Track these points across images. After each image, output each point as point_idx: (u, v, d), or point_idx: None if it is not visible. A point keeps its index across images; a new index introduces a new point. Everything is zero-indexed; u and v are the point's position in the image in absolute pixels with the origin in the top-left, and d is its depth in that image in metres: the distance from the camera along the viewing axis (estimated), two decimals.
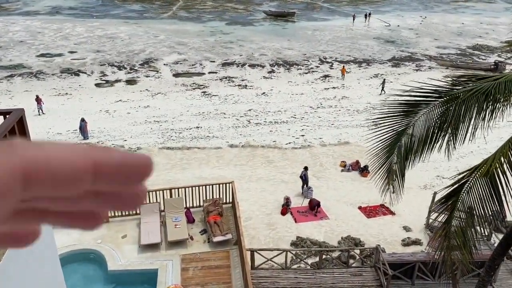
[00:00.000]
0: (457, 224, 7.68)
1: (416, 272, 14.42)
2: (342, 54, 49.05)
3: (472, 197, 7.39)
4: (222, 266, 13.67)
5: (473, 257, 7.98)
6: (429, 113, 7.66)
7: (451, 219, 7.70)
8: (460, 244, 7.68)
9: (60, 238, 13.95)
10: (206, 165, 23.99)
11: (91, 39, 52.62)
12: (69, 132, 28.00)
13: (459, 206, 7.53)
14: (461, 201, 7.50)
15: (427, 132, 7.71)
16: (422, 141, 7.76)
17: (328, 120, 30.77)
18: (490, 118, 7.39)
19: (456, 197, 7.57)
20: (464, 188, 7.47)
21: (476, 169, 7.38)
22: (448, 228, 7.76)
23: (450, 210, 7.70)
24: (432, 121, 7.68)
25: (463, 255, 7.76)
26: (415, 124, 7.77)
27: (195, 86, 38.52)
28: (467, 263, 7.92)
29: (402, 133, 7.86)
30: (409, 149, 7.88)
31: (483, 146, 20.41)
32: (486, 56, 49.22)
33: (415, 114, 7.78)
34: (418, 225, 18.37)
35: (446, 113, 7.55)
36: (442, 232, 7.95)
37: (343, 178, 22.90)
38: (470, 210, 7.44)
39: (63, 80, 39.51)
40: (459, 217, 7.62)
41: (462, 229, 7.61)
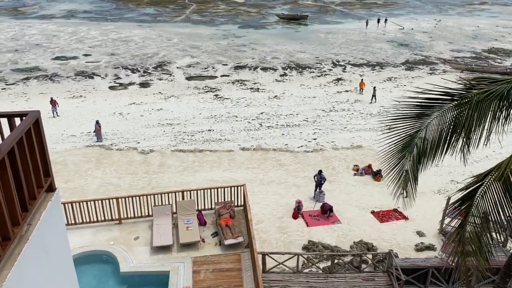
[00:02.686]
0: (471, 230, 7.55)
1: (430, 277, 14.24)
2: (355, 57, 48.84)
3: (487, 201, 7.27)
4: (233, 269, 13.64)
5: (489, 264, 7.84)
6: (442, 116, 7.57)
7: (465, 224, 7.58)
8: (476, 250, 7.55)
9: (74, 239, 14.10)
10: (218, 168, 24.05)
11: (105, 42, 53.23)
12: (83, 134, 28.31)
13: (474, 211, 7.41)
14: (475, 205, 7.39)
15: (440, 135, 7.61)
16: (435, 145, 7.67)
17: (341, 124, 30.62)
18: (505, 122, 7.27)
19: (470, 202, 7.45)
20: (479, 193, 7.35)
21: (489, 173, 7.26)
22: (463, 233, 7.64)
23: (464, 215, 7.59)
24: (445, 124, 7.59)
25: (478, 261, 7.63)
26: (428, 127, 7.68)
27: (207, 89, 38.69)
28: (483, 269, 7.78)
29: (415, 136, 7.78)
30: (422, 153, 7.79)
31: (498, 151, 20.15)
32: (502, 60, 48.57)
33: (428, 116, 7.70)
34: (432, 230, 18.15)
35: (460, 116, 7.45)
36: (456, 237, 7.83)
37: (355, 182, 22.75)
38: (485, 215, 7.32)
39: (78, 83, 40.00)
40: (474, 222, 7.50)
41: (477, 235, 7.49)
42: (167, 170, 23.71)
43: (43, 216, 4.80)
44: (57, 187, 5.45)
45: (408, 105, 7.80)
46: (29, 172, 4.74)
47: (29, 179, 4.76)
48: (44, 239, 4.78)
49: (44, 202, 5.05)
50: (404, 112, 7.85)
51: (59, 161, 24.15)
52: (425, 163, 7.92)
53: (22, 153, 4.58)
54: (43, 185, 5.09)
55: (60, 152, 25.52)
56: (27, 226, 4.57)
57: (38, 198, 4.93)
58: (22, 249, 4.23)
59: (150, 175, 23.11)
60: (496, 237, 7.81)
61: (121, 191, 19.86)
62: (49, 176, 5.28)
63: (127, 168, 23.85)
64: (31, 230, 4.53)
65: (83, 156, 25.24)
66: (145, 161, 24.75)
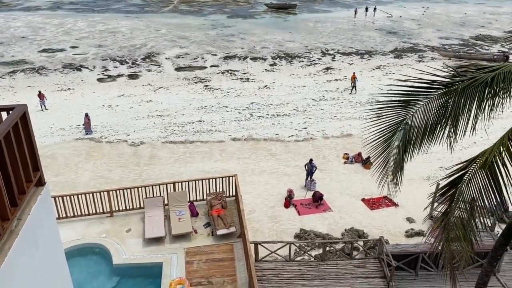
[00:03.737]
0: (457, 216, 7.64)
1: (420, 263, 14.46)
2: (344, 46, 48.84)
3: (472, 188, 7.35)
4: (226, 259, 13.74)
5: (474, 249, 7.96)
6: (429, 104, 7.62)
7: (450, 211, 7.67)
8: (460, 236, 7.65)
9: (65, 233, 14.06)
10: (209, 158, 24.05)
11: (93, 34, 52.57)
12: (72, 128, 28.07)
13: (459, 197, 7.50)
14: (460, 192, 7.47)
15: (426, 123, 7.67)
16: (422, 133, 7.72)
17: (331, 113, 30.72)
18: (491, 109, 7.34)
19: (455, 189, 7.54)
20: (463, 180, 7.43)
21: (473, 161, 7.34)
22: (447, 220, 7.74)
23: (449, 202, 7.67)
24: (431, 113, 7.64)
25: (463, 246, 7.74)
26: (414, 115, 7.73)
27: (197, 80, 38.49)
28: (468, 254, 7.90)
29: (401, 124, 7.82)
30: (408, 141, 7.84)
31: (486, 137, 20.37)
32: (489, 46, 48.92)
33: (414, 104, 7.74)
34: (422, 217, 18.37)
35: (446, 104, 7.50)
36: (440, 224, 7.93)
37: (346, 170, 22.91)
38: (471, 202, 7.41)
39: (65, 76, 39.54)
40: (459, 208, 7.59)
41: (462, 221, 7.58)
42: (158, 162, 23.64)
43: (33, 210, 4.78)
44: (47, 181, 5.42)
45: (394, 93, 7.83)
46: (17, 166, 4.72)
47: (17, 174, 4.73)
48: (34, 233, 4.77)
49: (33, 196, 5.03)
50: (391, 100, 7.88)
51: (49, 154, 23.95)
52: (412, 151, 7.98)
53: (10, 148, 4.55)
54: (32, 180, 5.06)
55: (49, 145, 25.30)
56: (17, 221, 4.56)
57: (27, 193, 4.91)
58: (12, 244, 4.22)
59: (141, 167, 23.04)
60: (484, 222, 7.88)
61: (112, 184, 19.79)
62: (38, 170, 5.26)
63: (118, 161, 23.74)
64: (21, 225, 4.51)
65: (72, 150, 25.05)
66: (135, 153, 24.65)
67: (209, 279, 12.87)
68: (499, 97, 7.21)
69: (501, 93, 7.17)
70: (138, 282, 13.24)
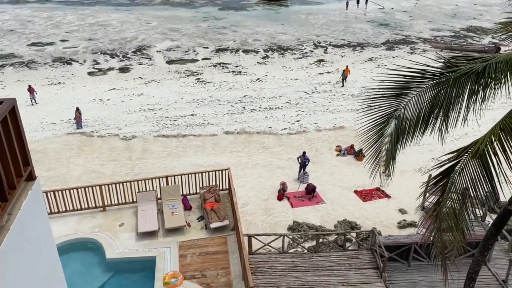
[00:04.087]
0: (449, 206, 7.70)
1: (412, 253, 14.59)
2: (336, 38, 48.78)
3: (464, 178, 7.40)
4: (220, 252, 13.76)
5: (466, 239, 8.04)
6: (421, 94, 7.64)
7: (442, 201, 7.73)
8: (452, 226, 7.72)
9: (58, 227, 13.99)
10: (202, 152, 23.99)
11: (83, 27, 51.99)
12: (63, 122, 27.84)
13: (451, 187, 7.55)
14: (453, 182, 7.52)
15: (418, 114, 7.69)
16: (414, 123, 7.75)
17: (323, 105, 30.74)
18: (482, 100, 7.38)
19: (447, 179, 7.59)
20: (456, 170, 7.48)
21: (465, 150, 7.38)
22: (439, 209, 7.80)
23: (441, 192, 7.73)
24: (423, 103, 7.66)
25: (455, 236, 7.81)
26: (407, 106, 7.75)
27: (188, 73, 38.28)
28: (459, 244, 7.98)
29: (393, 115, 7.84)
30: (401, 132, 7.86)
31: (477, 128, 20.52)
32: (480, 38, 49.14)
33: (407, 95, 7.75)
34: (414, 208, 18.49)
35: (438, 95, 7.53)
36: (432, 213, 8.00)
37: (338, 162, 22.99)
38: (462, 192, 7.47)
39: (55, 69, 39.12)
40: (451, 199, 7.65)
41: (454, 211, 7.65)
42: (150, 156, 23.54)
43: (23, 205, 4.73)
44: (38, 175, 5.37)
45: (387, 84, 7.83)
46: (7, 161, 4.65)
47: (7, 169, 4.67)
48: (25, 228, 4.73)
49: (24, 191, 4.97)
50: (384, 89, 7.88)
51: (40, 149, 23.75)
52: (404, 142, 8.01)
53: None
54: (22, 174, 5.01)
55: (40, 140, 25.08)
56: (8, 216, 4.51)
57: (17, 188, 4.85)
58: (3, 239, 4.18)
59: (133, 162, 22.93)
60: (475, 212, 7.96)
61: (104, 178, 19.68)
62: (28, 165, 5.19)
63: (110, 155, 23.61)
64: (12, 220, 4.46)
65: (64, 144, 24.86)
66: (127, 148, 24.52)
67: (203, 272, 12.90)
68: (490, 88, 7.24)
69: (493, 83, 7.20)
70: (131, 276, 13.24)
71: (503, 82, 7.15)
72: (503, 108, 16.63)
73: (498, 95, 7.40)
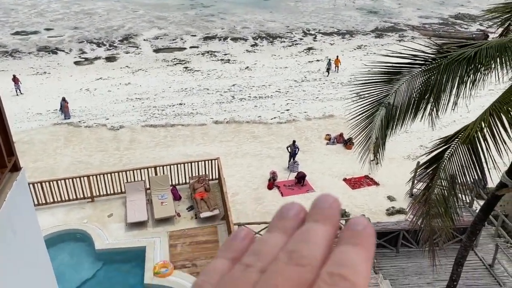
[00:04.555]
0: (438, 192, 7.76)
1: (401, 240, 14.74)
2: (325, 25, 48.62)
3: (453, 164, 7.45)
4: (210, 241, 13.76)
5: (455, 224, 8.11)
6: (411, 81, 7.63)
7: (432, 186, 7.78)
8: (442, 212, 7.79)
9: (46, 218, 13.85)
10: (191, 142, 23.86)
11: (68, 16, 51.06)
12: (49, 112, 27.44)
13: (441, 173, 7.59)
14: (442, 168, 7.56)
15: (409, 100, 7.68)
16: (404, 110, 7.75)
17: (313, 94, 30.71)
18: (472, 86, 7.38)
19: (437, 164, 7.63)
20: (445, 155, 7.51)
21: (455, 136, 7.41)
22: (429, 194, 7.85)
23: (431, 177, 7.77)
24: (414, 90, 7.65)
25: (444, 222, 7.88)
26: (397, 93, 7.73)
27: (176, 62, 37.91)
28: (448, 230, 8.06)
29: (383, 101, 7.83)
30: (391, 118, 7.85)
31: (465, 115, 20.68)
32: (468, 25, 49.37)
33: (397, 81, 7.73)
34: (402, 195, 18.66)
35: (428, 81, 7.52)
36: (422, 198, 8.05)
37: (328, 151, 23.05)
38: (452, 177, 7.51)
39: (41, 59, 38.46)
40: (441, 184, 7.69)
41: (443, 196, 7.70)
42: (138, 146, 23.36)
43: (8, 196, 4.63)
44: (24, 166, 5.26)
45: (377, 70, 7.79)
46: None
47: None
48: (11, 220, 4.64)
49: (8, 182, 4.87)
50: (374, 77, 7.85)
51: (26, 140, 23.41)
52: (394, 128, 8.01)
53: None
54: (6, 165, 4.89)
55: (26, 131, 24.71)
56: None
57: (2, 179, 4.75)
58: None
59: (121, 152, 22.74)
60: (463, 198, 8.03)
61: (92, 169, 19.49)
62: (12, 155, 5.08)
63: (97, 145, 23.37)
64: None
65: (50, 135, 24.53)
66: (115, 138, 24.29)
67: (193, 262, 12.89)
68: (480, 73, 7.25)
69: (483, 69, 7.21)
70: (121, 266, 13.18)
71: (493, 68, 7.15)
72: (490, 95, 16.75)
73: (487, 81, 7.41)
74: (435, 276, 13.42)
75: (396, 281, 13.72)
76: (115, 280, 12.70)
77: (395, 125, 7.94)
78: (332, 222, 0.54)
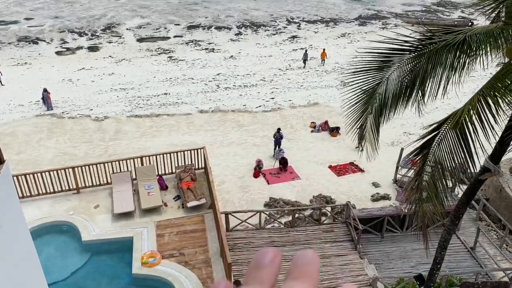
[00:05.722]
0: (428, 177, 7.91)
1: (385, 225, 15.01)
2: (309, 13, 48.51)
3: (442, 149, 7.58)
4: (197, 230, 13.84)
5: (445, 208, 8.30)
6: (402, 67, 7.69)
7: (423, 172, 7.92)
8: (432, 196, 7.94)
9: (31, 211, 13.75)
10: (177, 131, 23.76)
11: (48, 5, 49.98)
12: (32, 104, 26.99)
13: (430, 158, 7.73)
14: (432, 153, 7.70)
15: (400, 86, 7.75)
16: (396, 96, 7.81)
17: (297, 82, 30.75)
18: (461, 72, 7.46)
19: (427, 150, 7.76)
20: (435, 141, 7.64)
21: (445, 122, 7.53)
22: (420, 180, 7.99)
23: (422, 163, 7.90)
24: (405, 76, 7.72)
25: (435, 206, 8.04)
26: (389, 79, 7.79)
27: (160, 51, 37.52)
28: (439, 213, 8.24)
29: (376, 89, 7.89)
30: (384, 104, 7.91)
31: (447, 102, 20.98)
32: (450, 12, 49.77)
33: (389, 68, 7.79)
34: (386, 181, 18.98)
35: (418, 67, 7.60)
36: (414, 184, 8.18)
37: (313, 138, 23.19)
38: (441, 163, 7.65)
39: (21, 49, 37.67)
40: (431, 170, 7.84)
41: (434, 181, 7.85)
42: (123, 137, 23.17)
43: None
44: (7, 159, 5.22)
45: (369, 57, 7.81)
46: None
47: None
48: None
49: None
50: (366, 65, 7.87)
51: (8, 132, 23.05)
52: (387, 115, 8.07)
53: None
54: None
55: (8, 123, 24.30)
56: None
57: None
58: None
59: (106, 143, 22.54)
60: (447, 183, 8.20)
61: (77, 160, 19.32)
62: None
63: (82, 137, 23.12)
64: None
65: (33, 126, 24.17)
66: (100, 129, 24.05)
67: (181, 251, 12.97)
68: (469, 57, 7.34)
69: (471, 54, 7.31)
70: (109, 257, 13.20)
71: (481, 54, 7.26)
72: (471, 81, 17.02)
73: (475, 68, 7.53)
74: (418, 260, 13.76)
75: (381, 265, 14.01)
76: (103, 271, 12.71)
77: (388, 112, 8.00)
78: (311, 279, 0.56)
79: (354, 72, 7.86)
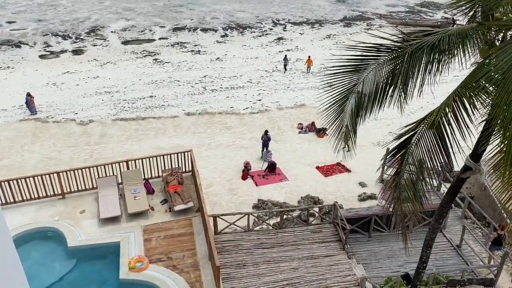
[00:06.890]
0: (407, 177, 7.98)
1: (373, 225, 15.09)
2: (294, 15, 48.73)
3: (420, 149, 7.67)
4: (185, 233, 13.75)
5: (424, 207, 8.37)
6: (378, 69, 7.79)
7: (401, 171, 7.99)
8: (411, 196, 8.02)
9: (14, 218, 13.54)
10: (163, 134, 23.61)
11: (31, 8, 49.36)
12: (15, 108, 26.58)
13: (409, 158, 7.81)
14: (410, 153, 7.78)
15: (376, 87, 7.85)
16: (372, 97, 7.92)
17: (284, 83, 30.83)
18: (436, 72, 7.59)
19: (405, 150, 7.84)
20: (413, 141, 7.73)
21: (422, 122, 7.62)
22: (398, 180, 8.06)
23: (400, 163, 7.98)
24: (381, 77, 7.82)
25: (413, 206, 8.12)
26: (365, 80, 7.89)
27: (145, 54, 37.30)
28: (418, 213, 8.31)
29: (353, 90, 7.97)
30: (360, 105, 8.02)
31: (432, 101, 21.24)
32: (433, 13, 50.44)
33: (365, 70, 7.88)
34: (373, 181, 19.09)
35: (395, 69, 7.70)
36: (392, 184, 8.26)
37: (300, 140, 23.25)
38: (419, 162, 7.73)
39: (3, 53, 37.11)
40: (409, 169, 7.91)
41: (412, 181, 7.92)
42: (109, 140, 22.94)
43: None
44: None
45: (345, 60, 7.92)
46: None
47: None
48: None
49: None
50: (342, 67, 7.97)
51: None
52: (364, 116, 8.18)
53: None
54: None
55: None
56: None
57: None
58: None
59: (92, 147, 22.30)
60: (431, 182, 8.28)
61: (62, 165, 19.06)
62: None
63: (66, 141, 22.84)
64: None
65: (17, 131, 23.80)
66: (85, 132, 23.78)
67: (168, 255, 12.87)
68: (444, 59, 7.45)
69: (446, 55, 7.42)
70: (95, 263, 13.04)
71: (455, 54, 7.37)
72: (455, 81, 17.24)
73: (452, 68, 7.63)
74: (406, 259, 13.86)
75: (369, 265, 14.08)
76: (89, 277, 12.55)
77: (364, 113, 8.11)
78: None
79: (330, 74, 7.96)
